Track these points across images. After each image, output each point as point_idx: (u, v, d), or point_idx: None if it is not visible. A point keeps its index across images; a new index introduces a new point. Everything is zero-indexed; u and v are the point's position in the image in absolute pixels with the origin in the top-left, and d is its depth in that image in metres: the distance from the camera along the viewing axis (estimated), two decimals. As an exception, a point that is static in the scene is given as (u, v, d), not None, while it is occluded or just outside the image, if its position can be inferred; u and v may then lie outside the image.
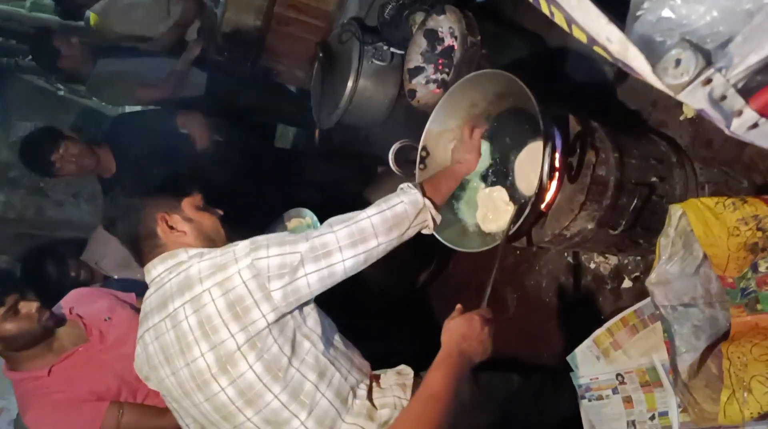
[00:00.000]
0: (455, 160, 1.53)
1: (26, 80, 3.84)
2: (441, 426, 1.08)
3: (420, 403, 1.13)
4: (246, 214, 2.77)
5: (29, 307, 1.61)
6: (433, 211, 1.40)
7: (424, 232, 1.44)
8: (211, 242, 1.42)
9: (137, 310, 1.86)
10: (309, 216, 1.87)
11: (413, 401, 1.15)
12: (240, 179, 2.73)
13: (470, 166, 1.52)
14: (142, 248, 1.40)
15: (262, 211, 2.59)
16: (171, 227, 1.38)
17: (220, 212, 1.49)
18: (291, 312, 1.30)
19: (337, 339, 1.47)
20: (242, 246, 1.29)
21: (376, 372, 1.55)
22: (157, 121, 2.74)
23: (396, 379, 1.48)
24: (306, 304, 1.36)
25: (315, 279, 1.27)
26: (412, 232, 1.38)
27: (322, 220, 1.81)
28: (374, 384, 1.46)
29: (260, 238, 1.30)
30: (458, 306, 1.31)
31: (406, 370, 1.52)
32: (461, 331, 1.22)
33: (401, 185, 1.41)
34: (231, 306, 1.22)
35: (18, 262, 2.47)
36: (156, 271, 1.37)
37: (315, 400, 1.30)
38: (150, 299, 1.36)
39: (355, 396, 1.39)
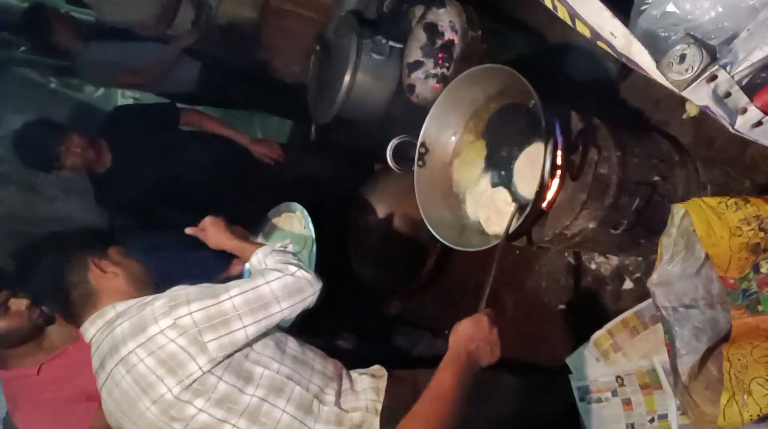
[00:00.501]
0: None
1: (18, 73, 3.81)
2: (448, 426, 1.09)
3: (428, 404, 1.13)
4: (239, 209, 2.75)
5: (19, 304, 1.60)
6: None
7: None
8: (142, 285, 1.46)
9: None
10: (299, 210, 1.85)
11: (421, 402, 1.14)
12: (233, 175, 2.70)
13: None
14: (75, 299, 1.40)
15: (255, 206, 2.57)
16: (102, 270, 1.42)
17: (139, 265, 1.52)
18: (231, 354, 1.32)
19: (293, 348, 1.46)
20: (160, 304, 1.29)
21: (353, 372, 1.55)
22: (157, 116, 2.68)
23: (370, 383, 1.48)
24: None
25: (253, 330, 1.30)
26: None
27: (313, 215, 1.80)
28: (348, 387, 1.47)
29: (180, 294, 1.31)
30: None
31: (380, 372, 1.53)
32: (469, 333, 1.22)
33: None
34: (163, 362, 1.24)
35: (11, 258, 2.42)
36: (90, 333, 1.39)
37: (275, 418, 1.32)
38: (93, 359, 1.38)
39: (321, 402, 1.40)
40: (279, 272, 1.36)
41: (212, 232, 1.65)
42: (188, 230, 1.69)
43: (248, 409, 1.30)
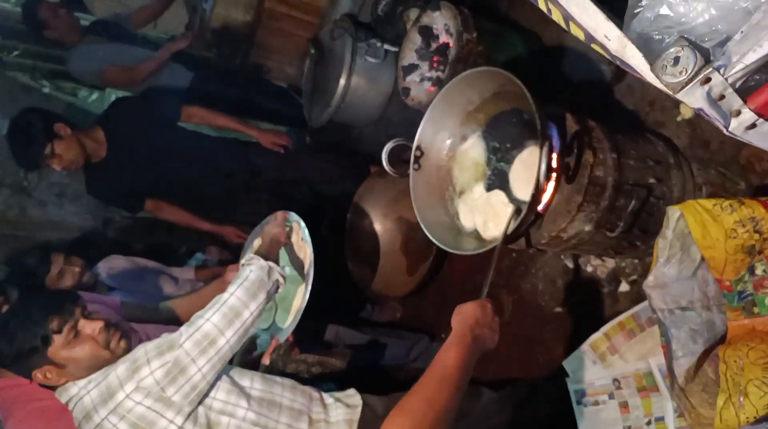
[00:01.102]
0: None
1: (10, 77, 3.78)
2: (450, 410, 1.03)
3: (431, 384, 1.05)
4: (234, 211, 2.74)
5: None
6: (278, 270, 1.54)
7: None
8: (97, 368, 1.39)
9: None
10: (295, 220, 1.84)
11: (424, 380, 1.07)
12: (229, 177, 2.69)
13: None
14: (36, 375, 1.39)
15: (251, 209, 2.56)
16: (49, 379, 1.38)
17: (97, 325, 1.41)
18: (197, 405, 1.35)
19: (258, 389, 1.47)
20: (122, 369, 1.33)
21: (328, 397, 1.55)
22: (158, 110, 2.66)
23: (344, 414, 1.50)
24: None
25: (207, 369, 1.34)
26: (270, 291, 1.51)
27: (308, 223, 1.79)
28: (322, 416, 1.48)
29: (138, 355, 1.35)
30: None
31: (355, 400, 1.54)
32: (475, 315, 1.18)
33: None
34: (134, 425, 1.29)
35: (5, 264, 2.40)
36: (63, 400, 1.40)
37: None
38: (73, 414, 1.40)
39: None
40: (215, 305, 1.40)
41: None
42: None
43: None
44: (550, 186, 1.34)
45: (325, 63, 2.69)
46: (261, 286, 1.47)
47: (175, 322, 1.95)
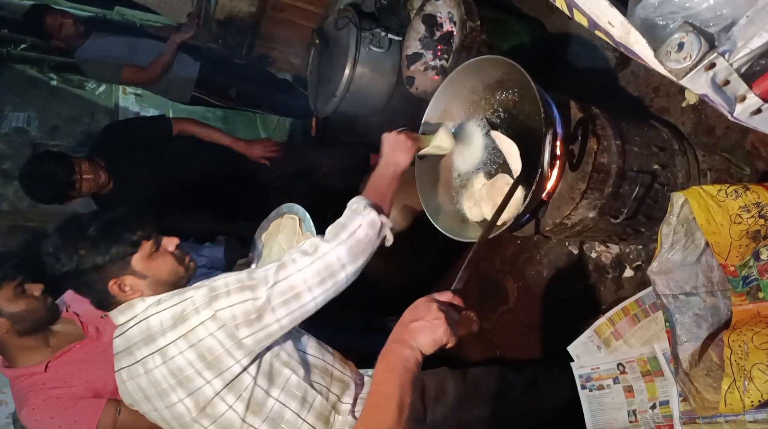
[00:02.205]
0: (391, 161, 1.46)
1: (18, 70, 3.81)
2: (399, 421, 0.97)
3: (369, 413, 1.02)
4: (242, 208, 2.75)
5: (35, 288, 1.62)
6: (389, 225, 1.37)
7: (385, 244, 1.40)
8: (172, 286, 1.38)
9: None
10: (301, 213, 1.85)
11: (364, 413, 1.03)
12: (232, 176, 2.70)
13: (406, 166, 1.46)
14: (102, 301, 1.37)
15: (259, 203, 2.57)
16: (124, 290, 1.34)
17: (176, 241, 1.41)
18: (268, 348, 1.31)
19: (315, 353, 1.45)
20: (201, 295, 1.26)
21: (366, 374, 1.54)
22: (150, 130, 2.67)
23: None
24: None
25: (287, 321, 1.26)
26: (374, 251, 1.37)
27: (313, 216, 1.80)
28: (359, 392, 1.46)
29: (219, 284, 1.27)
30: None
31: None
32: (404, 318, 1.08)
33: (351, 205, 1.37)
34: (202, 356, 1.23)
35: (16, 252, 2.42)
36: (117, 320, 1.36)
37: (296, 427, 1.33)
38: (117, 340, 1.36)
39: (337, 412, 1.40)
40: (309, 257, 1.27)
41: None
42: None
43: (272, 414, 1.30)
44: (554, 173, 1.34)
45: (330, 53, 2.69)
46: (367, 247, 1.31)
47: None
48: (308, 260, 1.26)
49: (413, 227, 2.54)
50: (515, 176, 1.39)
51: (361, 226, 1.30)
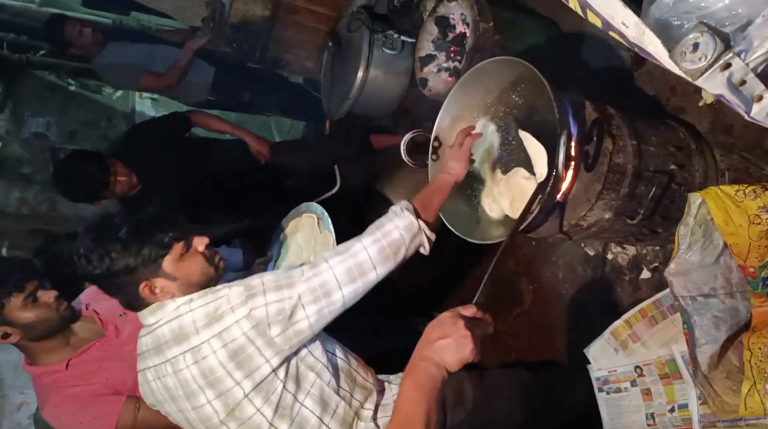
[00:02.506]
0: (444, 170, 1.46)
1: (37, 76, 3.87)
2: None
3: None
4: (266, 202, 2.77)
5: (48, 296, 1.62)
6: (428, 232, 1.36)
7: (421, 251, 1.39)
8: (202, 287, 1.36)
9: None
10: (319, 212, 1.86)
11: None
12: (251, 173, 2.73)
13: (459, 175, 1.46)
14: (131, 302, 1.36)
15: (276, 202, 2.59)
16: (155, 292, 1.32)
17: (205, 241, 1.40)
18: (296, 351, 1.30)
19: (340, 358, 1.44)
20: (236, 292, 1.25)
21: (384, 379, 1.53)
22: (170, 127, 2.71)
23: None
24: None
25: (315, 319, 1.26)
26: (408, 256, 1.36)
27: (331, 214, 1.81)
28: (380, 400, 1.45)
29: (255, 283, 1.26)
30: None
31: None
32: (429, 334, 1.07)
33: (393, 208, 1.37)
34: (233, 356, 1.22)
35: (35, 255, 2.46)
36: (147, 321, 1.34)
37: None
38: (144, 339, 1.35)
39: (359, 419, 1.39)
40: (341, 255, 1.28)
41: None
42: None
43: (297, 418, 1.29)
44: (569, 174, 1.34)
45: (343, 55, 2.70)
46: (399, 249, 1.31)
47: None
48: (340, 258, 1.28)
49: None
50: (540, 181, 1.36)
51: (396, 227, 1.31)
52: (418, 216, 1.35)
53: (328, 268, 1.27)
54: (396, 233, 1.31)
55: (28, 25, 3.92)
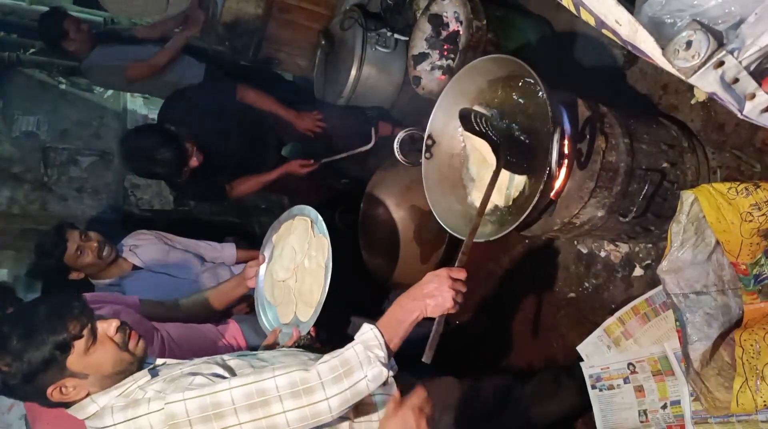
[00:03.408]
0: (415, 298, 1.25)
1: (28, 74, 3.84)
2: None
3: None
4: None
5: None
6: (393, 371, 1.21)
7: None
8: (121, 375, 1.27)
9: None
10: (313, 215, 1.85)
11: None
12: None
13: (422, 314, 1.26)
14: (49, 404, 1.26)
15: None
16: (67, 393, 1.23)
17: (115, 324, 1.27)
18: None
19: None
20: (157, 420, 1.15)
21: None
22: (215, 94, 2.71)
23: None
24: None
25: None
26: None
27: (320, 213, 1.80)
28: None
29: (178, 411, 1.14)
30: None
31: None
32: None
33: (362, 334, 1.22)
34: None
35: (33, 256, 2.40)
36: (81, 417, 1.27)
37: None
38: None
39: None
40: (299, 399, 1.14)
41: None
42: None
43: None
44: (563, 172, 1.34)
45: (336, 54, 2.70)
46: (362, 397, 1.18)
47: (194, 319, 1.97)
48: (297, 403, 1.14)
49: (421, 227, 2.54)
50: (494, 169, 1.38)
51: (365, 378, 1.17)
52: (387, 349, 1.20)
53: (281, 410, 1.14)
54: (363, 385, 1.17)
55: (18, 23, 3.89)
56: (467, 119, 1.40)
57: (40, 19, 3.09)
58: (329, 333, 1.76)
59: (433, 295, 1.22)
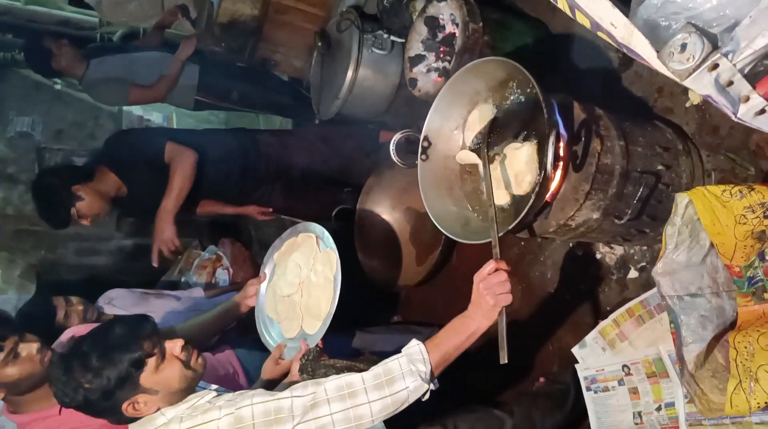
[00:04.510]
0: (467, 314, 1.33)
1: (23, 74, 3.83)
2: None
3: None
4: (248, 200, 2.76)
5: (29, 348, 1.54)
6: (433, 386, 1.32)
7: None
8: (186, 391, 1.36)
9: None
10: (318, 231, 1.85)
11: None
12: (242, 166, 2.71)
13: (481, 327, 1.33)
14: (119, 420, 1.35)
15: (262, 197, 2.60)
16: (139, 409, 1.31)
17: (180, 343, 1.36)
18: None
19: None
20: (225, 424, 1.25)
21: None
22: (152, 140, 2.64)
23: None
24: None
25: None
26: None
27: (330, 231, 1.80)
28: None
29: (245, 414, 1.25)
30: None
31: None
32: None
33: (409, 348, 1.33)
34: None
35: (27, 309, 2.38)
36: None
37: None
38: None
39: None
40: (343, 402, 1.25)
41: None
42: None
43: None
44: (558, 174, 1.34)
45: (333, 55, 2.69)
46: (401, 405, 1.28)
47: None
48: (342, 406, 1.25)
49: (416, 229, 2.54)
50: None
51: (406, 389, 1.27)
52: (432, 376, 1.30)
53: (328, 412, 1.25)
54: (404, 394, 1.27)
55: (13, 24, 3.88)
56: None
57: (24, 52, 3.14)
58: (338, 347, 1.78)
59: (487, 304, 1.26)
